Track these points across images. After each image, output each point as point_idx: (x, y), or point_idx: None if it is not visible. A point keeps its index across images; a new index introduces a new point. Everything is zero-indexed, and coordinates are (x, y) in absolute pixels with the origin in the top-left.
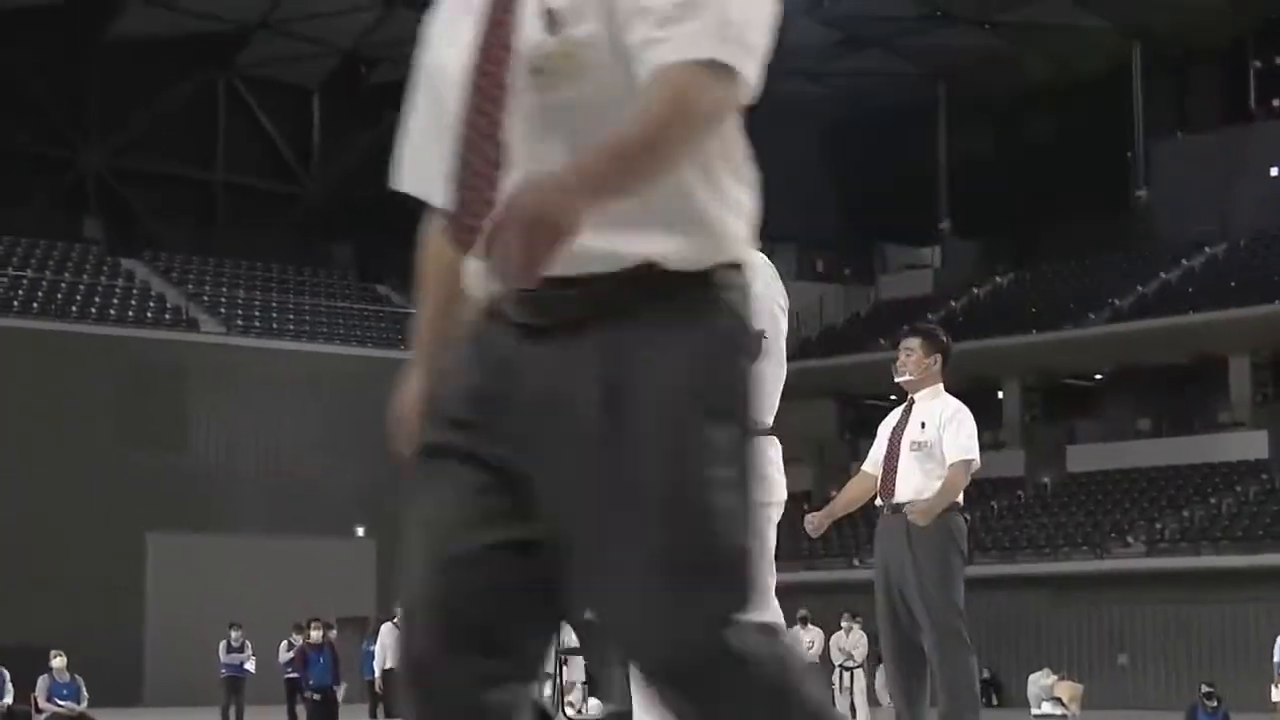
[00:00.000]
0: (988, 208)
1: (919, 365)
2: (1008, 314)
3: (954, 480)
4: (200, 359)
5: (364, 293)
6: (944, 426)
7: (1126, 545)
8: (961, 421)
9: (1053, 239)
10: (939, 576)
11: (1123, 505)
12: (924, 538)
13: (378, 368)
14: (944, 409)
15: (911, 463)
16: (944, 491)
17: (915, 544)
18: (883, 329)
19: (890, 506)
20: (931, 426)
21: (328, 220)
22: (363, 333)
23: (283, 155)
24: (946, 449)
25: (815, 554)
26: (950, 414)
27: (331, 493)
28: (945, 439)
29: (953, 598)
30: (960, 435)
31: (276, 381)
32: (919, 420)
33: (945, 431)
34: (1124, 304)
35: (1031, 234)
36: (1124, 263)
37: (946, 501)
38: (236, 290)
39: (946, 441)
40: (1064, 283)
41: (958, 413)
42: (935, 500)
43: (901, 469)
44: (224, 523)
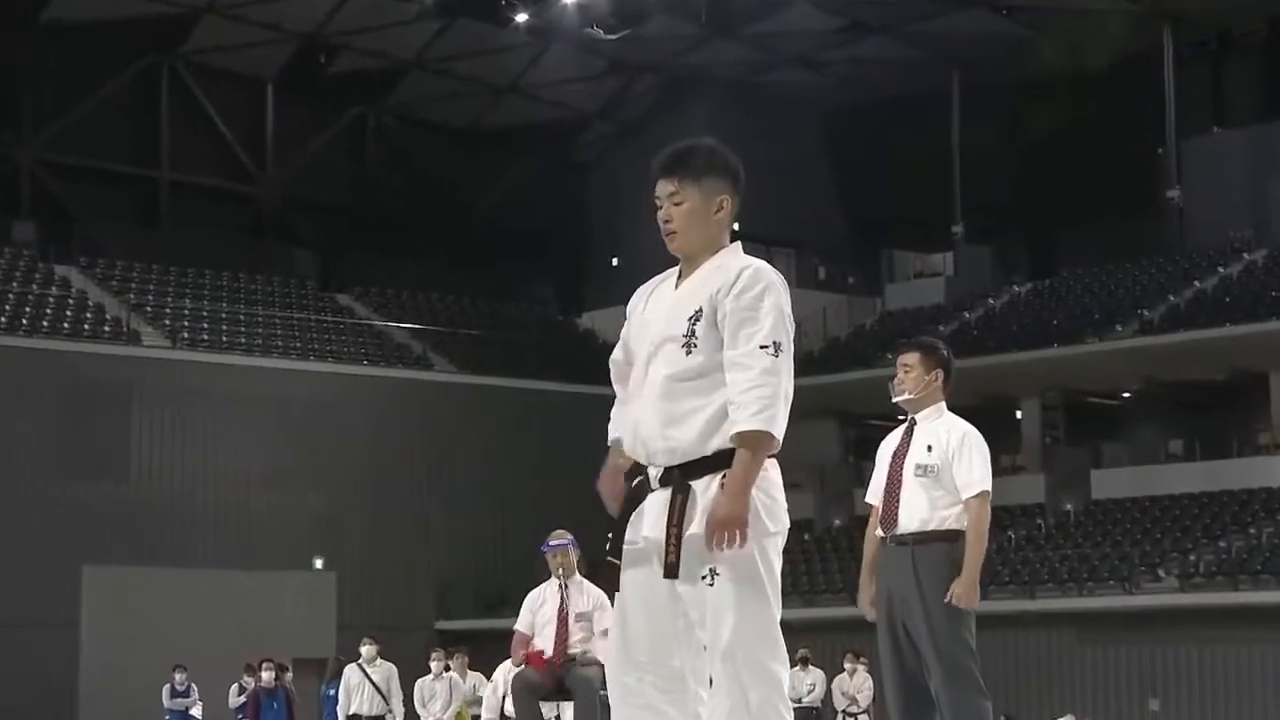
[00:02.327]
0: (1005, 210)
1: (918, 382)
2: (1026, 326)
3: (978, 522)
4: (143, 376)
5: (324, 303)
6: (953, 451)
7: (1158, 579)
8: (972, 447)
9: (1076, 244)
10: (947, 612)
11: (1153, 535)
12: (931, 568)
13: (339, 385)
14: (951, 431)
15: (916, 489)
16: (974, 543)
17: (922, 575)
18: (890, 342)
19: (893, 537)
20: (938, 449)
21: (284, 223)
22: (323, 347)
23: (234, 151)
24: (958, 479)
25: (816, 589)
26: (959, 438)
27: (287, 521)
28: (956, 467)
29: (963, 635)
30: (973, 464)
31: (227, 401)
32: (923, 442)
33: (956, 459)
34: (1154, 315)
35: (1052, 239)
36: (1154, 269)
37: (981, 553)
38: (183, 300)
39: (958, 470)
40: (1088, 292)
41: (967, 436)
42: (971, 564)
43: (905, 496)
44: (168, 554)
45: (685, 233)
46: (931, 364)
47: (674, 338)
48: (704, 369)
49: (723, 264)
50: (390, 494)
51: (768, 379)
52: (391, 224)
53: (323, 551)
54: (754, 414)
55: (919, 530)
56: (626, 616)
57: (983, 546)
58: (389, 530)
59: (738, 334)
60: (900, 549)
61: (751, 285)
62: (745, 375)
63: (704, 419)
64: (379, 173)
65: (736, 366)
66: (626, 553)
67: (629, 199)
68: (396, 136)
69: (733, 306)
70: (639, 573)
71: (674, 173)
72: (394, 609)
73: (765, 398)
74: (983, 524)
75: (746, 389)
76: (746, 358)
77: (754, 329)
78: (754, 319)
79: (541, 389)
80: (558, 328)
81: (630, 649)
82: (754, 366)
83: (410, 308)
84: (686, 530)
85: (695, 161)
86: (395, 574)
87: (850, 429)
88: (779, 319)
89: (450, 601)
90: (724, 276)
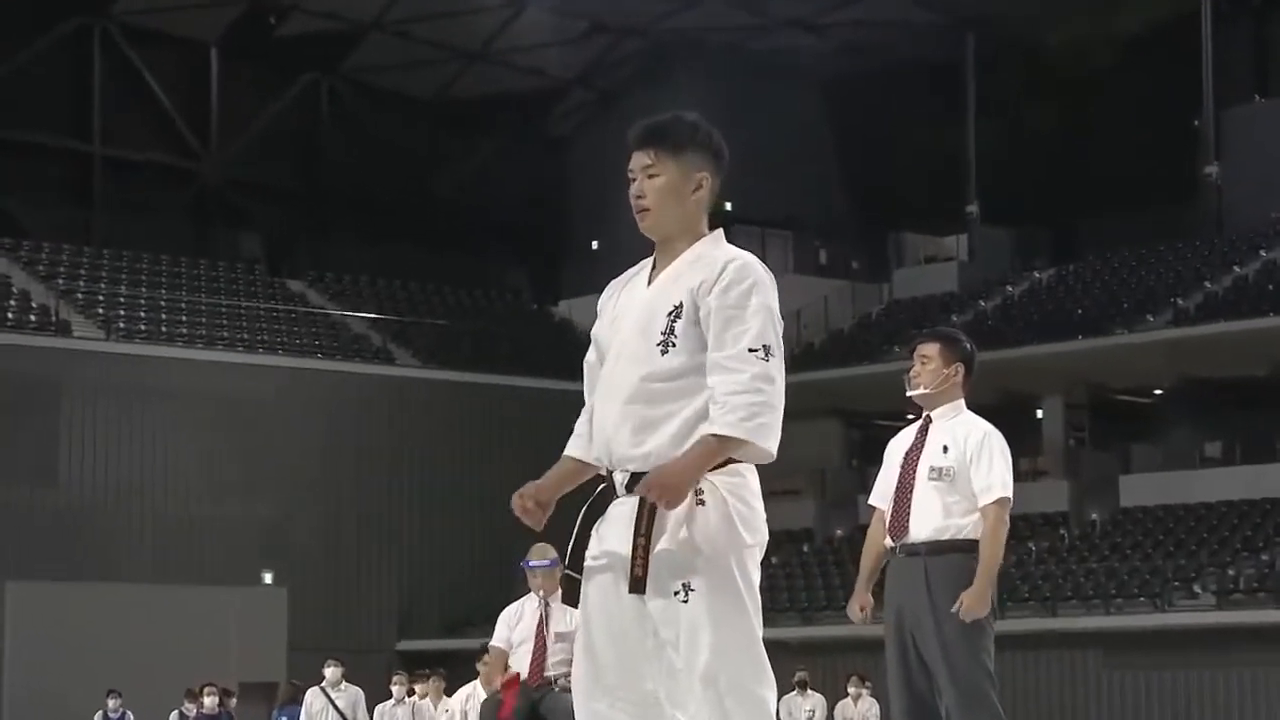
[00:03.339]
0: (1024, 188)
1: (936, 376)
2: (1048, 316)
3: (994, 531)
4: (73, 371)
5: (275, 291)
6: (971, 454)
7: (1193, 596)
8: (992, 449)
9: (1103, 226)
10: (963, 629)
11: (1188, 547)
12: (945, 582)
13: (291, 381)
14: (969, 431)
15: (929, 494)
16: (988, 552)
17: (934, 590)
18: (898, 334)
19: (904, 547)
20: (955, 450)
21: (230, 203)
22: (273, 339)
23: (174, 124)
24: (976, 483)
25: (816, 606)
26: (978, 438)
27: (233, 531)
28: (974, 471)
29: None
30: (993, 467)
31: (167, 398)
32: (939, 442)
33: (974, 461)
34: (1189, 304)
35: (1077, 220)
36: (1189, 253)
37: (995, 563)
38: (118, 287)
39: (976, 474)
40: (1116, 278)
41: (987, 437)
42: (983, 573)
43: (917, 502)
44: (100, 568)
45: (658, 210)
46: (951, 356)
47: (650, 335)
48: (682, 370)
49: (705, 255)
50: (347, 502)
51: (761, 386)
52: (348, 204)
53: (272, 565)
54: (740, 420)
55: (932, 539)
56: (591, 638)
57: (998, 556)
58: (345, 542)
59: (724, 335)
60: (911, 560)
61: (738, 281)
62: (734, 378)
63: (679, 423)
64: (334, 147)
65: (722, 370)
66: (589, 568)
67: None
68: (354, 107)
69: (718, 304)
70: (603, 589)
71: (651, 145)
72: (351, 628)
73: (756, 405)
74: (1000, 532)
75: (736, 391)
76: (734, 361)
77: (741, 329)
78: (740, 319)
79: (514, 385)
80: (532, 318)
81: (598, 673)
82: (744, 370)
83: (369, 295)
84: (656, 543)
85: (675, 134)
86: (352, 590)
87: (854, 430)
88: (768, 319)
89: (413, 620)
90: (707, 270)
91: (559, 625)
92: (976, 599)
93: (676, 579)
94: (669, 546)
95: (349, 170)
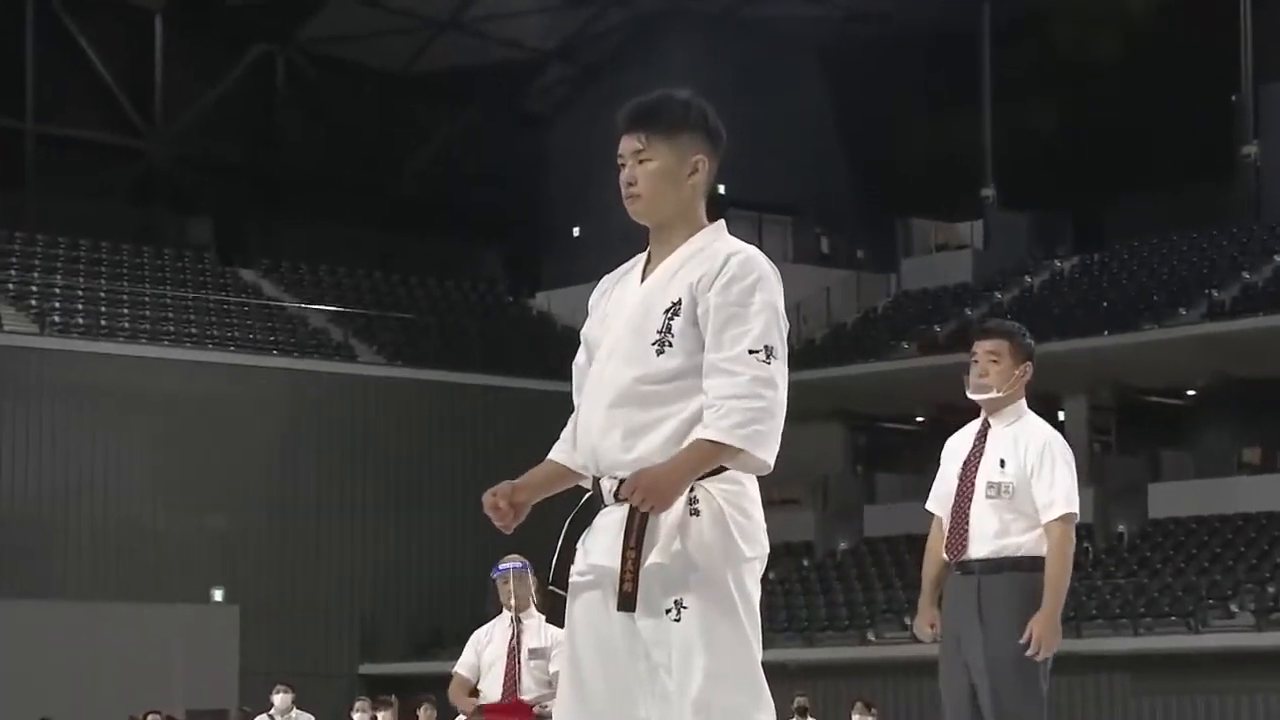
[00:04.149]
0: (1045, 170)
1: (1005, 377)
2: (1071, 309)
3: (1060, 550)
4: (4, 368)
5: (225, 281)
6: (1031, 465)
7: (1229, 615)
8: (1055, 459)
9: (1131, 210)
10: (1018, 655)
11: (1224, 562)
12: (998, 602)
13: (243, 380)
14: (1030, 440)
15: (986, 510)
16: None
17: (986, 609)
18: (905, 327)
19: (959, 564)
20: (1013, 464)
21: (177, 185)
22: (223, 333)
23: (115, 98)
24: (1038, 498)
25: (817, 625)
26: (1039, 448)
27: (180, 544)
28: (1035, 485)
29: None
30: (1055, 480)
31: (107, 398)
32: (997, 454)
33: (1035, 474)
34: (1225, 296)
35: (1102, 204)
36: (1225, 241)
37: (1064, 586)
38: (53, 277)
39: (1038, 488)
40: (1145, 268)
41: (1049, 446)
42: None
43: (974, 518)
44: (34, 584)
45: (651, 197)
46: (1021, 355)
47: (645, 334)
48: (679, 372)
49: (705, 247)
50: (305, 511)
51: (760, 390)
52: (306, 186)
53: (223, 581)
54: (734, 426)
55: (987, 557)
56: (578, 660)
57: (1066, 578)
58: (303, 555)
59: (722, 334)
60: (966, 579)
61: (741, 276)
62: (731, 381)
63: (672, 428)
64: (291, 125)
65: (720, 372)
66: (574, 584)
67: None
68: (312, 81)
69: (718, 301)
70: (589, 607)
71: (641, 127)
72: (309, 650)
73: (753, 410)
74: (1066, 551)
75: (731, 395)
76: (732, 363)
77: (742, 329)
78: (742, 317)
79: (489, 385)
80: (507, 311)
81: (586, 699)
82: (743, 373)
83: (329, 286)
84: (646, 556)
85: (667, 114)
86: (311, 608)
87: (859, 433)
88: (772, 319)
89: (378, 641)
90: (708, 263)
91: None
92: (1046, 627)
93: (668, 596)
94: (661, 560)
95: (307, 150)
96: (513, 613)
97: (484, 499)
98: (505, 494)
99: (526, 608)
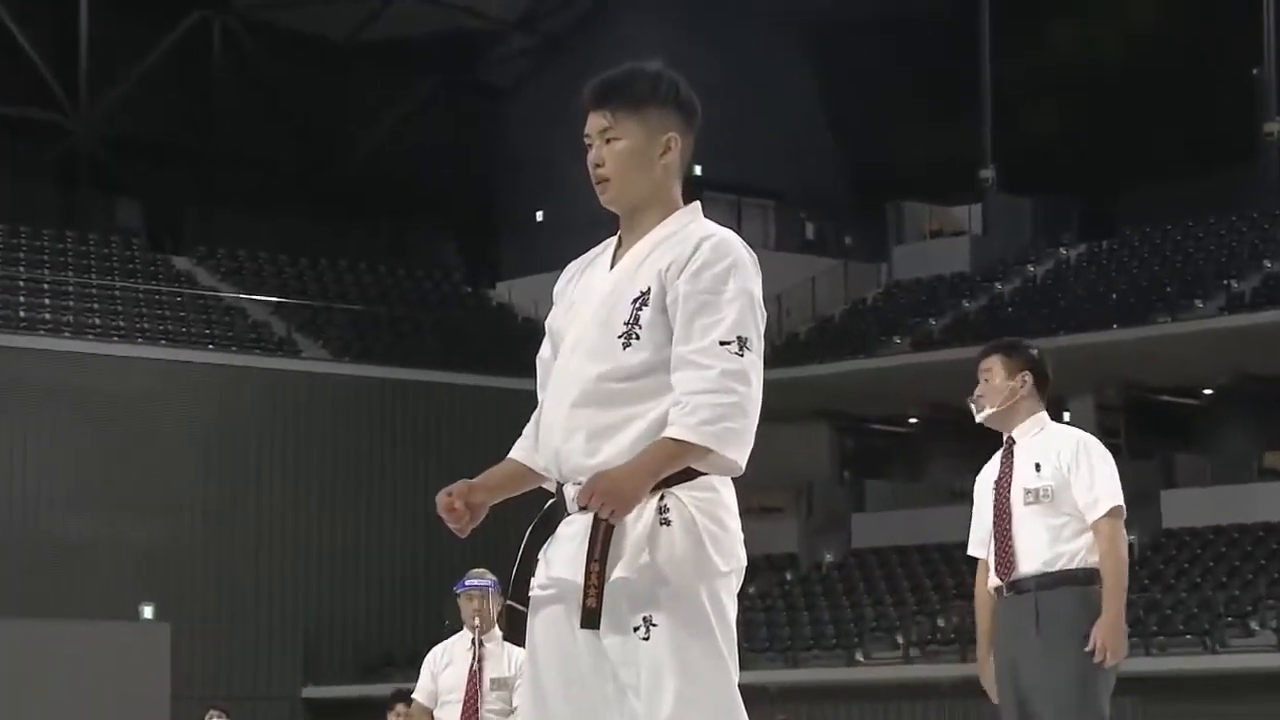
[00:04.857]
0: (1050, 150)
1: (1000, 392)
2: (1077, 301)
3: (1113, 547)
4: None
5: (157, 269)
6: (1067, 465)
7: (1248, 634)
8: (1092, 455)
9: (1143, 194)
10: (1080, 675)
11: (1243, 576)
12: (1057, 620)
13: (176, 376)
14: (1062, 442)
15: (1030, 520)
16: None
17: (1045, 628)
18: (897, 322)
19: (1010, 585)
20: (1050, 466)
21: (104, 166)
22: (154, 326)
23: (36, 71)
24: (1080, 497)
25: (801, 644)
26: (1073, 447)
27: (106, 556)
28: (1075, 484)
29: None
30: (1095, 475)
31: (27, 395)
32: (1029, 461)
33: (1073, 473)
34: (1245, 287)
35: (1112, 187)
36: (1246, 228)
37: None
38: None
39: (1078, 487)
40: (1158, 256)
41: (1082, 445)
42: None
43: (1019, 531)
44: None
45: (621, 179)
46: (1015, 365)
47: (611, 326)
48: (647, 367)
49: (677, 231)
50: (243, 521)
51: (730, 385)
52: (245, 166)
53: (153, 596)
54: (701, 423)
55: (1041, 572)
56: (540, 681)
57: (1123, 577)
58: (241, 569)
59: (692, 324)
60: (1021, 599)
61: (714, 262)
62: (700, 375)
63: (640, 430)
64: (228, 99)
65: (688, 365)
66: (535, 599)
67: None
68: (250, 52)
69: (688, 289)
70: (552, 624)
71: (608, 103)
72: (248, 671)
73: (723, 406)
74: (1119, 548)
75: (699, 389)
76: (701, 355)
77: (713, 319)
78: (714, 305)
79: (443, 382)
80: (464, 302)
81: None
82: (713, 366)
83: (270, 275)
84: (612, 569)
85: (635, 89)
86: (249, 626)
87: (847, 436)
88: (747, 308)
89: (322, 661)
90: (679, 248)
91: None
92: (1110, 632)
93: (636, 612)
94: (628, 574)
95: (246, 127)
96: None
97: (438, 499)
98: (461, 494)
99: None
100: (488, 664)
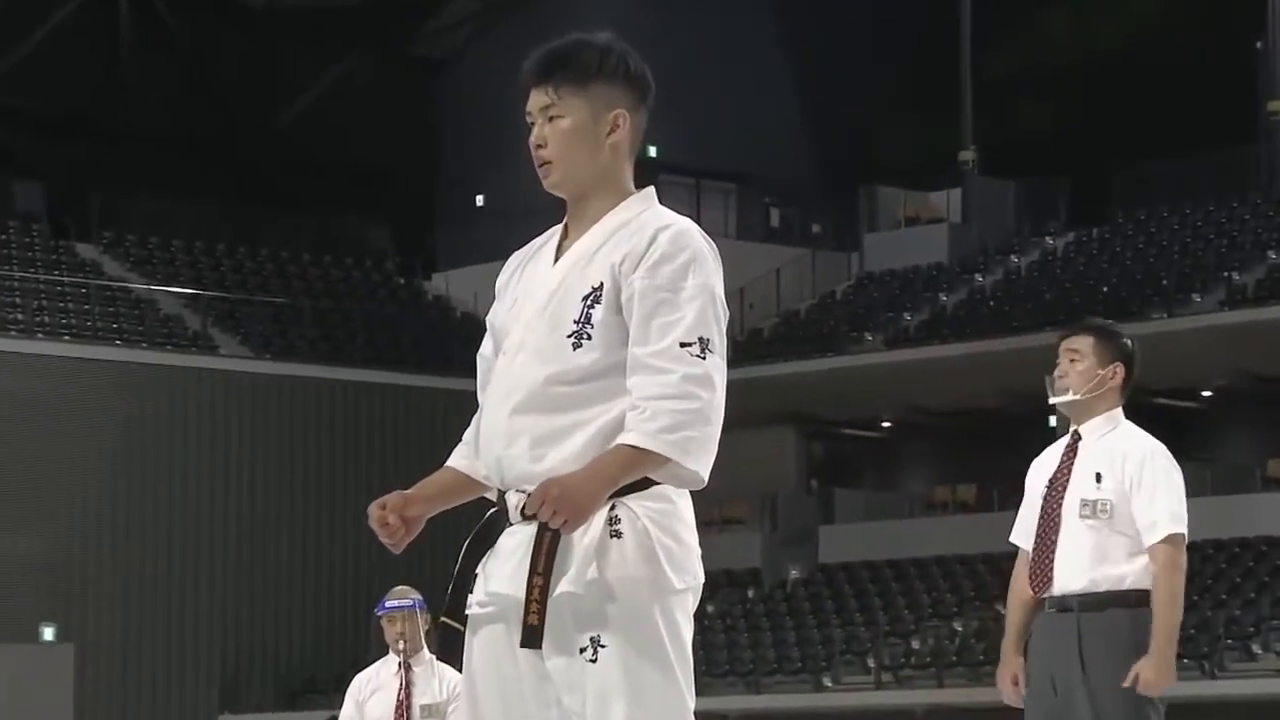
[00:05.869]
0: (1035, 131)
1: (1088, 378)
2: (1065, 294)
3: (1168, 577)
4: None
5: (58, 257)
6: (1131, 480)
7: (1250, 657)
8: (1158, 472)
9: (1136, 178)
10: (1126, 700)
11: (1244, 594)
12: (1102, 645)
13: (79, 374)
14: (1127, 451)
15: (1080, 534)
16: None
17: (1088, 653)
18: (869, 315)
19: (1051, 600)
20: (1111, 479)
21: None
22: (55, 319)
23: None
24: (1139, 518)
25: (764, 668)
26: (1139, 460)
27: (2, 575)
28: (1135, 502)
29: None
30: (1156, 495)
31: None
32: (1091, 468)
33: (1135, 489)
34: (1247, 279)
35: (1103, 170)
36: (1248, 215)
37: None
38: None
39: (1139, 507)
40: (1153, 246)
41: (1151, 459)
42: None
43: (1064, 544)
44: None
45: (564, 161)
46: (1109, 354)
47: (559, 324)
48: (599, 370)
49: (631, 220)
50: (154, 534)
51: (693, 390)
52: (155, 145)
53: (53, 616)
54: (660, 430)
55: (1086, 591)
56: (478, 705)
57: (1177, 608)
58: (151, 586)
59: (649, 324)
60: (1062, 617)
61: (672, 255)
62: (658, 379)
63: (589, 436)
64: (137, 70)
65: (645, 369)
66: (473, 617)
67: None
68: (160, 18)
69: (644, 285)
70: (490, 643)
71: (550, 78)
72: (158, 698)
73: (685, 413)
74: (1174, 579)
75: (659, 395)
76: (659, 358)
77: (672, 318)
78: (673, 304)
79: (374, 381)
80: (397, 295)
81: None
82: (673, 370)
83: (184, 264)
84: (557, 583)
85: (580, 63)
86: (160, 649)
87: (815, 441)
88: (708, 305)
89: (240, 687)
90: (633, 239)
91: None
92: (1155, 667)
93: (583, 632)
94: (573, 589)
95: (157, 101)
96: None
97: (370, 512)
98: (395, 506)
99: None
100: (417, 689)
